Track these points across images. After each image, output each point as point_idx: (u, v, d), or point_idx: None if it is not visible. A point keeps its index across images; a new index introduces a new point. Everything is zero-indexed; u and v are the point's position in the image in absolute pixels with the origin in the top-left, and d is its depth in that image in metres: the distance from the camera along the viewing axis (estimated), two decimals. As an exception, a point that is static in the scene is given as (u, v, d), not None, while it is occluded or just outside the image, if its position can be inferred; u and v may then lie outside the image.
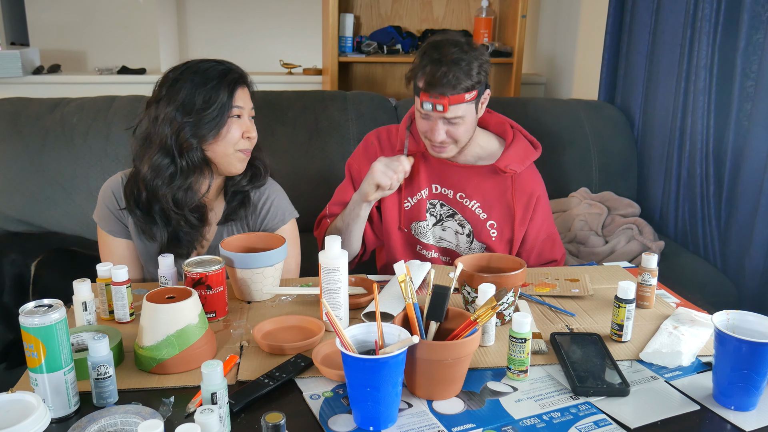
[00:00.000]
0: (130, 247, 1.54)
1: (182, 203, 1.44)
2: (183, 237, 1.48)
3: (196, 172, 1.44)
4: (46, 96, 2.26)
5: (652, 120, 2.43)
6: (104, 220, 1.52)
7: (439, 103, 1.49)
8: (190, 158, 1.41)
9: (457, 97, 1.49)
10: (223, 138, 1.42)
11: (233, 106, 1.41)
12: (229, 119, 1.42)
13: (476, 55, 1.50)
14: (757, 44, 1.93)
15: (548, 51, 3.46)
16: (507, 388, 1.05)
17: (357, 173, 1.74)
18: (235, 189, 1.53)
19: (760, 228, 1.92)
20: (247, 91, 1.47)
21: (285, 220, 1.59)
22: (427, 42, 1.55)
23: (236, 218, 1.54)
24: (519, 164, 1.64)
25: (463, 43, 1.51)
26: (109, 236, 1.52)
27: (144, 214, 1.45)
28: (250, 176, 1.53)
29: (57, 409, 0.96)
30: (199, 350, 1.09)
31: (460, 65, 1.47)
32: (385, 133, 1.74)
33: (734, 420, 0.98)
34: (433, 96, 1.49)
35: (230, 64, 1.46)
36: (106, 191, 1.52)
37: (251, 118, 1.48)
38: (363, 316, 1.25)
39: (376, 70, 3.30)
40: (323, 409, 0.99)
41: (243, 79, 1.46)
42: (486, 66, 1.53)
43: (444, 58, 1.48)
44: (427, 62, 1.49)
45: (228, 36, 4.57)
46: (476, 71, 1.50)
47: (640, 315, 1.31)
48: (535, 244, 1.70)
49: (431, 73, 1.47)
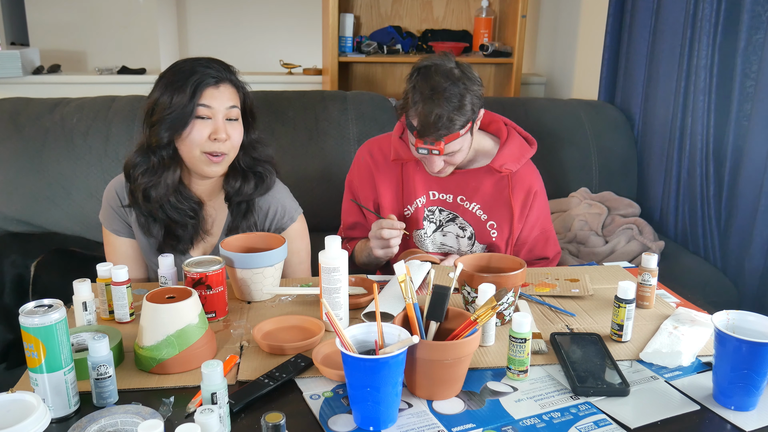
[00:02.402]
0: (134, 245, 1.54)
1: (156, 199, 1.44)
2: (179, 233, 1.48)
3: (168, 170, 1.43)
4: (46, 96, 2.26)
5: (652, 120, 2.43)
6: (108, 220, 1.53)
7: (435, 148, 1.48)
8: (160, 155, 1.42)
9: (452, 136, 1.47)
10: (185, 139, 1.40)
11: (198, 106, 1.39)
12: (193, 120, 1.39)
13: (468, 85, 1.46)
14: (757, 44, 1.93)
15: (548, 51, 3.46)
16: (507, 388, 1.05)
17: (357, 189, 1.75)
18: (240, 199, 1.51)
19: (760, 228, 1.92)
20: (227, 91, 1.42)
21: (294, 218, 1.59)
22: (417, 68, 1.50)
23: (240, 230, 1.52)
24: (515, 163, 1.64)
25: (453, 71, 1.47)
26: (114, 235, 1.53)
27: (141, 210, 1.47)
28: (253, 185, 1.51)
29: (57, 409, 0.96)
30: (199, 350, 1.09)
31: (452, 102, 1.44)
32: (377, 146, 1.72)
33: (734, 420, 0.98)
34: (428, 142, 1.47)
35: (208, 64, 1.42)
36: (110, 191, 1.53)
37: (230, 120, 1.42)
38: (363, 316, 1.25)
39: (376, 70, 3.31)
40: (323, 409, 0.99)
41: (216, 79, 1.40)
42: (478, 93, 1.50)
43: (435, 95, 1.43)
44: (418, 99, 1.46)
45: (228, 36, 4.57)
46: (469, 106, 1.46)
47: (640, 315, 1.31)
48: (527, 239, 1.70)
49: (424, 115, 1.44)
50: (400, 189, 1.68)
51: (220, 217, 1.55)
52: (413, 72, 1.51)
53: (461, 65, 1.50)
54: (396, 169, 1.68)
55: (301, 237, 1.61)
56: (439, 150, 1.48)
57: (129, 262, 1.54)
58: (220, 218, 1.55)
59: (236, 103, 1.44)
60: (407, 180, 1.67)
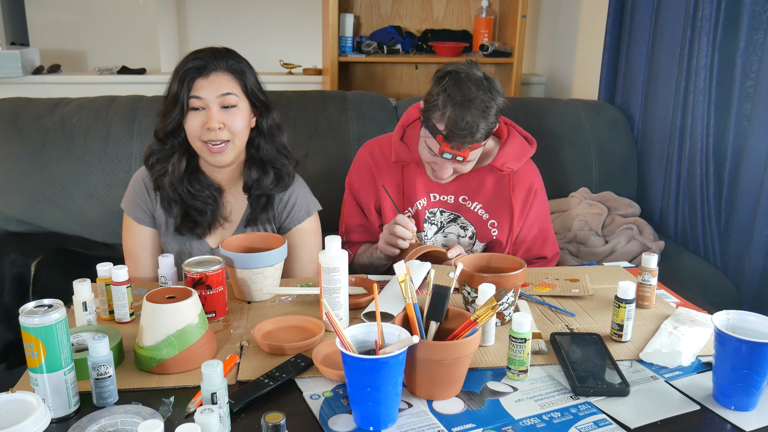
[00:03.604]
0: (153, 235, 1.56)
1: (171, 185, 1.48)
2: (198, 219, 1.51)
3: (182, 157, 1.49)
4: (46, 96, 2.26)
5: (652, 120, 2.43)
6: (131, 207, 1.56)
7: (461, 154, 1.49)
8: (172, 144, 1.48)
9: (476, 145, 1.49)
10: (186, 130, 1.46)
11: (189, 98, 1.42)
12: (189, 111, 1.43)
13: (494, 96, 1.48)
14: (757, 44, 1.92)
15: (548, 51, 3.46)
16: (507, 388, 1.05)
17: (357, 191, 1.74)
18: (259, 192, 1.54)
19: (760, 228, 1.91)
20: (217, 79, 1.43)
21: (310, 212, 1.61)
22: (447, 73, 1.49)
23: (259, 222, 1.55)
24: (516, 162, 1.64)
25: (482, 81, 1.48)
26: (134, 222, 1.55)
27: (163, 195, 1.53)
28: (273, 179, 1.53)
29: (57, 409, 0.96)
30: (199, 350, 1.09)
31: (482, 111, 1.45)
32: (377, 148, 1.72)
33: (734, 420, 0.98)
34: (455, 147, 1.47)
35: (199, 54, 1.45)
36: (136, 179, 1.56)
37: (226, 107, 1.44)
38: (363, 316, 1.25)
39: (376, 70, 3.30)
40: (323, 409, 0.99)
41: (204, 69, 1.42)
42: (501, 105, 1.50)
43: (467, 102, 1.44)
44: (449, 104, 1.45)
45: (228, 36, 4.57)
46: (493, 117, 1.48)
47: (640, 315, 1.31)
48: (525, 238, 1.70)
49: (453, 120, 1.44)
50: (400, 191, 1.68)
51: (239, 206, 1.57)
52: (443, 76, 1.49)
53: (487, 76, 1.51)
54: (397, 171, 1.68)
55: (315, 234, 1.62)
56: (463, 156, 1.49)
57: (145, 250, 1.56)
58: (238, 207, 1.57)
59: (232, 89, 1.45)
60: (408, 182, 1.67)
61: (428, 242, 1.69)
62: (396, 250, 1.56)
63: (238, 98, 1.46)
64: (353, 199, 1.76)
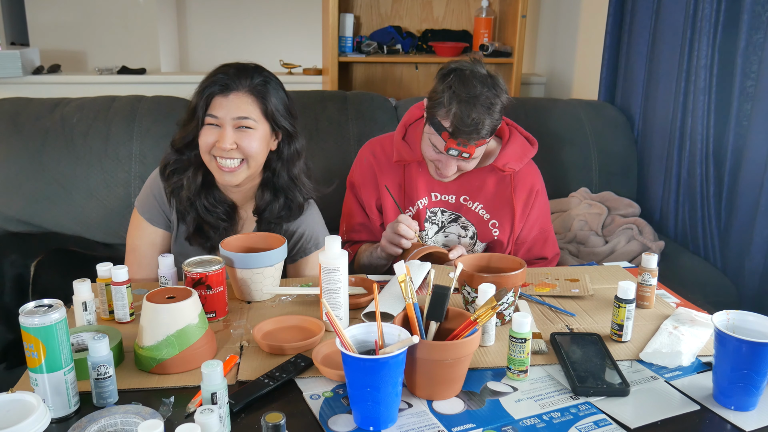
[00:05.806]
0: (164, 236, 1.56)
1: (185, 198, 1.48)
2: (210, 234, 1.50)
3: (197, 170, 1.48)
4: (46, 96, 2.26)
5: (652, 120, 2.43)
6: (145, 206, 1.54)
7: (467, 151, 1.49)
8: (189, 155, 1.48)
9: (481, 141, 1.49)
10: (199, 142, 1.45)
11: (206, 115, 1.42)
12: (204, 126, 1.43)
13: (498, 93, 1.48)
14: (757, 44, 1.93)
15: (548, 51, 3.46)
16: (507, 388, 1.05)
17: (358, 190, 1.74)
18: (268, 217, 1.52)
19: (760, 228, 1.91)
20: (237, 100, 1.41)
21: (319, 245, 1.57)
22: (451, 70, 1.49)
23: None
24: (517, 162, 1.64)
25: (487, 78, 1.48)
26: (145, 221, 1.54)
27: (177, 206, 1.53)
28: (282, 206, 1.52)
29: (57, 409, 0.96)
30: (199, 350, 1.09)
31: (488, 108, 1.45)
32: (379, 147, 1.72)
33: (734, 420, 0.98)
34: (461, 143, 1.48)
35: (225, 70, 1.43)
36: (155, 180, 1.55)
37: (242, 128, 1.41)
38: (363, 316, 1.25)
39: (376, 70, 3.30)
40: (323, 409, 0.99)
41: (225, 87, 1.41)
42: (505, 102, 1.51)
43: (473, 99, 1.44)
44: (453, 100, 1.45)
45: (228, 36, 4.57)
46: (498, 114, 1.49)
47: (640, 315, 1.31)
48: (526, 239, 1.70)
49: (459, 117, 1.44)
50: (402, 190, 1.68)
51: (250, 224, 1.56)
52: (448, 73, 1.50)
53: (491, 74, 1.51)
54: (398, 170, 1.68)
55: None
56: (469, 153, 1.49)
57: (153, 250, 1.55)
58: (249, 226, 1.56)
59: (249, 113, 1.41)
60: (410, 181, 1.67)
61: (429, 242, 1.69)
62: (398, 249, 1.55)
63: (256, 122, 1.42)
64: (354, 198, 1.76)
